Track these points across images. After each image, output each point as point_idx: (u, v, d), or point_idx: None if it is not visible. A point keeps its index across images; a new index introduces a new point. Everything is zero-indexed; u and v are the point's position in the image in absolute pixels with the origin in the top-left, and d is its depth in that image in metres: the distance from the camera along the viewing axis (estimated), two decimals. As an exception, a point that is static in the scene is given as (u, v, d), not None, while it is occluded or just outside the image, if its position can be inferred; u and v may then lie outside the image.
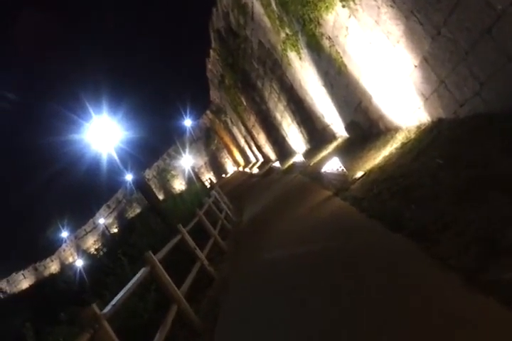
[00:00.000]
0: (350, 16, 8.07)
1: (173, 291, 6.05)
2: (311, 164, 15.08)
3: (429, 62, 6.24)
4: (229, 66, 25.40)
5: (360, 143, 11.27)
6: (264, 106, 24.40)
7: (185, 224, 9.39)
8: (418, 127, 7.72)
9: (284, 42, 15.29)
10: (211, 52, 27.19)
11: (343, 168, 8.47)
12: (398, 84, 7.82)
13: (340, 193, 7.90)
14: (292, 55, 15.21)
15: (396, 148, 7.76)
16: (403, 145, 7.53)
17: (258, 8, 16.26)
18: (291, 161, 20.90)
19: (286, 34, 14.35)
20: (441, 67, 6.00)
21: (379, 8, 6.75)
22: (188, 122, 53.24)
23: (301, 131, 20.52)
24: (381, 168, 7.28)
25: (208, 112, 49.64)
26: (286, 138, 23.76)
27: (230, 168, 57.34)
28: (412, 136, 7.61)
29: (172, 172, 60.15)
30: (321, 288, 4.59)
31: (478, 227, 3.43)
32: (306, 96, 16.85)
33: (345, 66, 10.21)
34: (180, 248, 8.09)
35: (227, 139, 50.97)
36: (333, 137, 16.45)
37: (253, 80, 23.45)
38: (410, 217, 4.58)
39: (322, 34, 10.45)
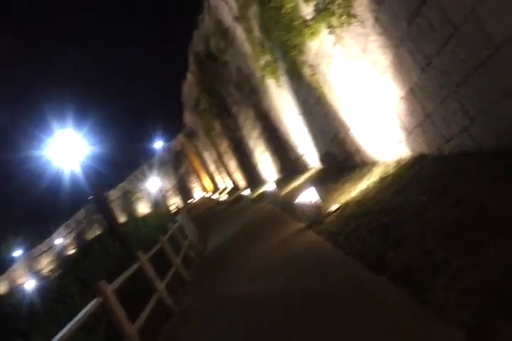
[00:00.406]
0: (335, 44, 7.87)
1: (126, 326, 5.42)
2: (283, 194, 14.69)
3: (416, 95, 6.00)
4: (205, 90, 25.17)
5: (334, 175, 10.97)
6: (237, 133, 24.12)
7: (146, 250, 8.76)
8: (398, 162, 7.45)
9: (263, 69, 15.13)
10: (188, 74, 26.96)
11: (318, 199, 8.09)
12: (380, 117, 7.58)
13: (313, 226, 7.48)
14: (271, 82, 15.03)
15: (374, 182, 7.44)
16: (382, 179, 7.22)
17: (240, 34, 16.14)
18: (261, 190, 20.50)
19: (267, 61, 14.19)
20: (429, 99, 5.76)
21: (367, 36, 6.55)
22: (158, 144, 52.58)
23: (273, 160, 20.23)
24: (358, 202, 6.92)
25: (179, 135, 49.14)
26: (258, 166, 23.43)
27: (198, 193, 56.48)
28: (392, 170, 7.32)
29: (137, 194, 58.83)
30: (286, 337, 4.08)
31: (476, 274, 3.03)
32: (281, 125, 16.63)
33: (324, 95, 10.00)
34: (138, 277, 7.45)
35: (197, 164, 50.38)
36: (305, 168, 16.17)
37: (229, 106, 23.23)
38: (394, 256, 4.18)
39: (304, 62, 10.25)
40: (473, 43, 4.47)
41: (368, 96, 7.67)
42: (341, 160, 11.30)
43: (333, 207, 7.74)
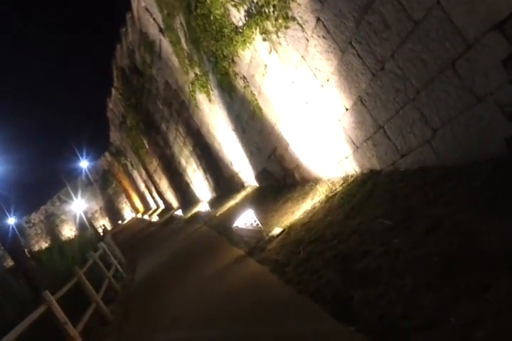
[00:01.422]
0: (271, 51, 7.15)
1: None
2: (218, 214, 13.74)
3: (366, 104, 5.35)
4: (132, 106, 23.85)
5: (273, 194, 10.20)
6: (168, 150, 22.95)
7: (60, 286, 7.53)
8: (345, 179, 6.78)
9: (192, 83, 14.25)
10: (113, 90, 25.52)
11: (258, 222, 7.24)
12: (323, 131, 6.91)
13: (254, 253, 6.61)
14: (201, 97, 14.17)
15: (320, 202, 6.71)
16: (328, 198, 6.50)
17: (166, 47, 15.20)
18: (195, 210, 19.41)
19: (196, 74, 13.33)
20: (382, 109, 5.12)
21: (308, 40, 5.86)
22: (84, 163, 49.80)
23: (206, 178, 19.25)
24: (305, 225, 6.14)
25: (106, 154, 46.85)
26: (191, 185, 22.33)
27: (128, 214, 54.03)
28: (338, 188, 6.62)
29: (62, 216, 55.45)
30: None
31: (488, 332, 2.27)
32: (214, 142, 15.75)
33: (260, 109, 9.26)
34: (44, 322, 6.20)
35: (126, 183, 48.19)
36: (241, 186, 15.35)
37: (157, 122, 22.06)
38: (363, 299, 3.37)
39: (236, 73, 9.48)
40: (438, 41, 3.84)
41: (309, 109, 6.98)
42: (280, 177, 10.57)
43: (276, 231, 6.92)
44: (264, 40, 7.11)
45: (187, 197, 23.98)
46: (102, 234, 32.94)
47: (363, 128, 5.72)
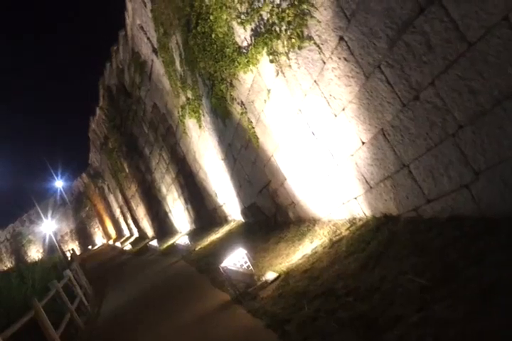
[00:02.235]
0: (277, 75, 6.46)
1: None
2: (198, 249, 12.74)
3: (390, 138, 4.63)
4: (115, 128, 23.00)
5: (262, 232, 9.34)
6: (148, 176, 21.99)
7: (14, 320, 6.49)
8: (351, 222, 5.98)
9: (182, 108, 13.54)
10: (97, 110, 24.68)
11: (249, 264, 6.34)
12: (329, 166, 6.16)
13: (244, 301, 5.69)
14: (190, 122, 13.43)
15: (323, 246, 5.87)
16: (333, 243, 5.67)
17: (158, 68, 14.56)
18: (171, 241, 18.32)
19: (188, 98, 12.64)
20: (409, 145, 4.40)
21: (324, 62, 5.18)
22: (59, 183, 48.42)
23: (187, 209, 18.29)
24: (306, 273, 5.28)
25: (83, 175, 45.40)
26: (169, 215, 21.30)
27: (100, 240, 52.07)
28: (344, 232, 5.81)
29: (30, 236, 53.24)
30: None
31: None
32: (199, 171, 14.92)
33: (256, 138, 8.52)
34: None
35: (100, 207, 46.60)
36: (224, 220, 14.45)
37: (141, 146, 21.20)
38: None
39: (233, 98, 8.78)
40: (498, 67, 3.16)
41: (315, 141, 6.25)
42: (270, 214, 9.74)
43: (269, 276, 6.04)
44: (271, 61, 6.43)
45: (164, 227, 22.87)
46: (70, 258, 31.31)
47: (381, 165, 4.98)
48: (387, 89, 4.37)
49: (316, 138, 6.17)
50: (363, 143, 5.14)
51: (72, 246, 52.22)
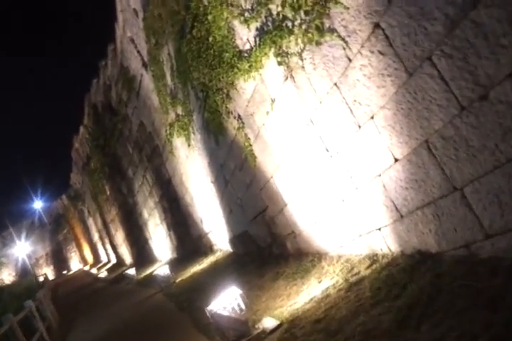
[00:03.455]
0: (286, 80, 5.46)
1: None
2: (179, 281, 11.43)
3: (438, 152, 3.59)
4: (99, 147, 21.81)
5: (255, 265, 8.16)
6: (130, 199, 20.70)
7: None
8: (372, 259, 4.85)
9: (171, 126, 12.50)
10: (81, 129, 23.54)
11: (242, 307, 5.15)
12: (346, 189, 5.09)
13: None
14: (179, 141, 12.38)
15: (337, 288, 4.72)
16: (351, 285, 4.53)
17: (147, 83, 13.60)
18: (150, 270, 16.90)
19: (177, 115, 11.62)
20: (466, 162, 3.36)
21: (350, 59, 4.18)
22: (37, 204, 46.72)
23: (169, 235, 16.99)
24: (319, 322, 4.11)
25: (63, 197, 43.67)
26: (150, 241, 19.92)
27: (76, 265, 49.85)
28: (364, 271, 4.68)
29: (2, 259, 50.81)
30: None
31: None
32: (185, 194, 13.76)
33: (253, 157, 7.46)
34: None
35: (78, 231, 44.72)
36: (209, 249, 13.20)
37: (124, 167, 20.01)
38: None
39: (229, 111, 7.76)
40: None
41: (329, 158, 5.20)
42: (264, 245, 8.57)
43: (268, 323, 4.85)
44: (279, 63, 5.43)
45: (143, 254, 21.42)
46: (42, 283, 29.44)
47: (420, 189, 3.92)
48: (439, 87, 3.35)
49: (331, 155, 5.12)
50: (396, 160, 4.09)
51: (46, 271, 49.97)
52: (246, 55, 6.33)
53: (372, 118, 4.21)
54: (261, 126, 6.78)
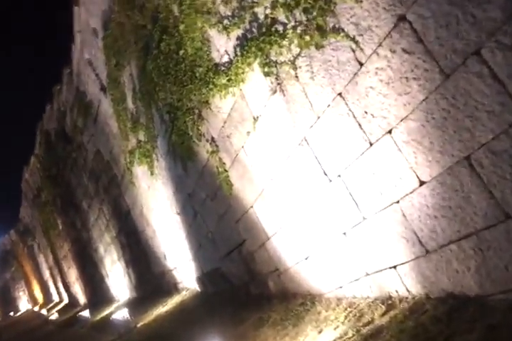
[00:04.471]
0: (274, 93, 4.72)
1: None
2: (140, 325, 10.20)
3: (484, 171, 2.87)
4: (51, 178, 20.38)
5: (230, 308, 7.16)
6: (85, 234, 19.23)
7: None
8: (384, 303, 4.03)
9: (131, 153, 11.52)
10: (32, 158, 22.06)
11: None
12: (349, 220, 4.30)
13: None
14: (140, 170, 11.39)
15: (343, 339, 3.85)
16: (366, 339, 3.68)
17: (106, 108, 12.65)
18: (107, 311, 15.44)
19: (139, 141, 10.69)
20: (529, 183, 2.64)
21: (361, 63, 3.48)
22: (-17, 241, 43.69)
23: (128, 273, 15.65)
24: None
25: (12, 232, 40.94)
26: (106, 280, 18.41)
27: (25, 305, 46.45)
28: (379, 319, 3.84)
29: None
30: None
31: None
32: (146, 228, 12.65)
33: (230, 185, 6.62)
34: None
35: (28, 268, 41.84)
36: (174, 288, 12.04)
37: (78, 199, 18.64)
38: None
39: (201, 134, 6.95)
40: None
41: (326, 183, 4.43)
42: (240, 284, 7.62)
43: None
44: (266, 74, 4.69)
45: (99, 294, 19.79)
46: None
47: (456, 217, 3.18)
48: (490, 89, 2.67)
49: (330, 179, 4.35)
50: (422, 182, 3.35)
51: (-10, 312, 46.33)
52: (224, 68, 5.59)
53: (389, 132, 3.48)
54: (239, 149, 5.98)
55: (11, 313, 44.87)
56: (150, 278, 13.52)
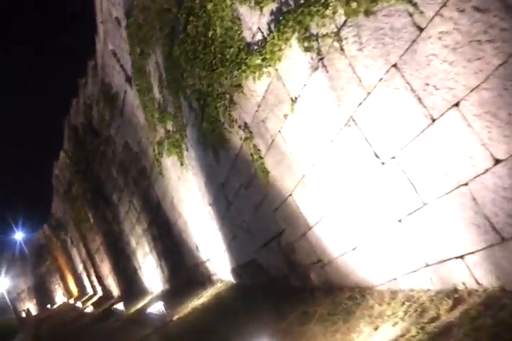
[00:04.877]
0: (315, 70, 4.32)
1: None
2: (176, 318, 10.03)
3: None
4: (80, 172, 20.42)
5: (269, 301, 6.85)
6: (116, 227, 19.23)
7: None
8: (450, 297, 3.63)
9: (160, 144, 11.28)
10: (61, 154, 22.15)
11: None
12: (406, 205, 3.91)
13: None
14: (169, 160, 11.14)
15: (406, 337, 3.48)
16: (433, 337, 3.30)
17: (132, 99, 12.43)
18: (141, 304, 15.41)
19: (167, 131, 10.43)
20: None
21: (421, 28, 3.06)
22: (18, 235, 44.72)
23: (160, 265, 15.55)
24: None
25: (45, 227, 41.67)
26: (139, 272, 18.39)
27: (60, 298, 47.45)
28: (447, 316, 3.45)
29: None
30: None
31: None
32: (178, 219, 12.44)
33: (265, 172, 6.27)
34: None
35: (62, 262, 42.60)
36: (208, 279, 11.83)
37: (108, 192, 18.61)
38: None
39: (233, 120, 6.59)
40: None
41: (378, 167, 4.03)
42: (279, 276, 7.30)
43: None
44: (306, 49, 4.30)
45: (132, 286, 19.83)
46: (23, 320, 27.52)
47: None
48: None
49: (383, 161, 3.95)
50: (498, 161, 2.94)
51: (29, 305, 47.53)
52: (257, 47, 5.22)
53: (456, 105, 3.07)
54: (276, 134, 5.61)
55: (48, 306, 45.95)
56: (183, 270, 13.36)
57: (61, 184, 25.26)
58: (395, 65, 3.44)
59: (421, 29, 3.11)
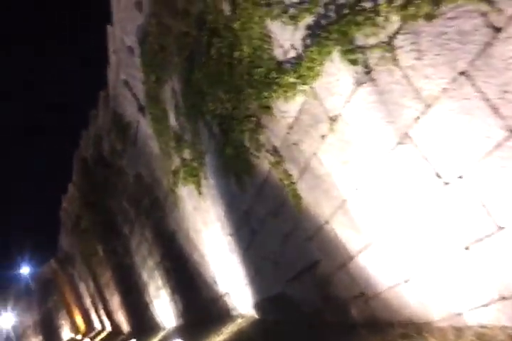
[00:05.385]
0: (360, 85, 3.98)
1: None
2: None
3: None
4: (89, 205, 20.04)
5: (300, 337, 6.31)
6: (127, 260, 18.67)
7: None
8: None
9: (175, 173, 10.94)
10: (70, 187, 21.84)
11: None
12: (475, 230, 3.48)
13: None
14: (186, 190, 10.76)
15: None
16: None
17: (145, 129, 12.18)
18: (155, 340, 14.71)
19: (183, 159, 10.09)
20: None
21: (498, 29, 2.73)
22: (25, 270, 44.05)
23: (173, 299, 14.92)
24: None
25: (52, 261, 40.98)
26: (151, 306, 17.71)
27: (67, 334, 46.17)
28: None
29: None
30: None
31: None
32: (193, 252, 11.94)
33: (298, 198, 5.86)
34: None
35: (69, 297, 41.69)
36: (227, 314, 11.21)
37: (119, 225, 18.16)
38: None
39: (261, 144, 6.24)
40: None
41: (440, 188, 3.62)
42: (311, 310, 6.77)
43: None
44: (353, 63, 3.97)
45: (143, 321, 19.10)
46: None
47: None
48: None
49: (446, 181, 3.54)
50: None
51: (33, 343, 46.28)
52: (290, 65, 4.91)
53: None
54: (311, 157, 5.24)
55: (54, 343, 44.64)
56: (198, 304, 12.75)
57: (69, 217, 24.84)
58: (463, 73, 3.09)
59: (498, 29, 2.77)
